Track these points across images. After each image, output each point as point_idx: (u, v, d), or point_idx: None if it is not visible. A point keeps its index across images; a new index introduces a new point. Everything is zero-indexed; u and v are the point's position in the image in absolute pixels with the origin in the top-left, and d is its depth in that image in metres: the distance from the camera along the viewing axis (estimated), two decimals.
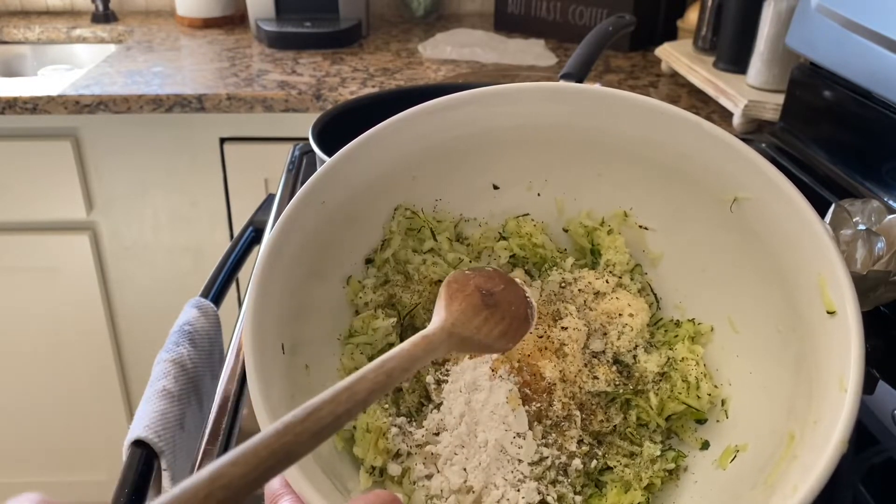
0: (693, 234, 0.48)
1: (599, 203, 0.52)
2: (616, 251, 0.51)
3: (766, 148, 1.06)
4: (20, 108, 1.26)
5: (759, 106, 1.12)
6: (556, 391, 0.45)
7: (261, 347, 0.40)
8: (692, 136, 0.45)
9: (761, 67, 1.15)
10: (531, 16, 1.69)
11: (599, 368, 0.46)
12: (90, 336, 1.51)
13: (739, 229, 0.45)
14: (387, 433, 0.43)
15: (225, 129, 1.34)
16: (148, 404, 0.61)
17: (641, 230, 0.51)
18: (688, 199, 0.47)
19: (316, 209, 0.46)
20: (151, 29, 1.72)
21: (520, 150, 0.51)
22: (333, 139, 0.82)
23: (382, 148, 0.49)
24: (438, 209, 0.53)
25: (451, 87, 1.05)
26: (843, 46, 0.91)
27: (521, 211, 0.54)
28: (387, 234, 0.51)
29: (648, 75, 1.45)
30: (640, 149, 0.48)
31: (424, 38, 1.67)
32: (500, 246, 0.53)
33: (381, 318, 0.48)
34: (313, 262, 0.46)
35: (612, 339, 0.48)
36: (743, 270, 0.45)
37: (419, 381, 0.46)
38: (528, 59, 1.51)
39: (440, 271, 0.50)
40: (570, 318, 0.48)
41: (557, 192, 0.53)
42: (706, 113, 1.25)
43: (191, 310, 0.75)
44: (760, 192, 0.43)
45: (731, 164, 0.44)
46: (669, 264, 0.50)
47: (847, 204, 0.69)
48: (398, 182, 0.50)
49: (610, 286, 0.50)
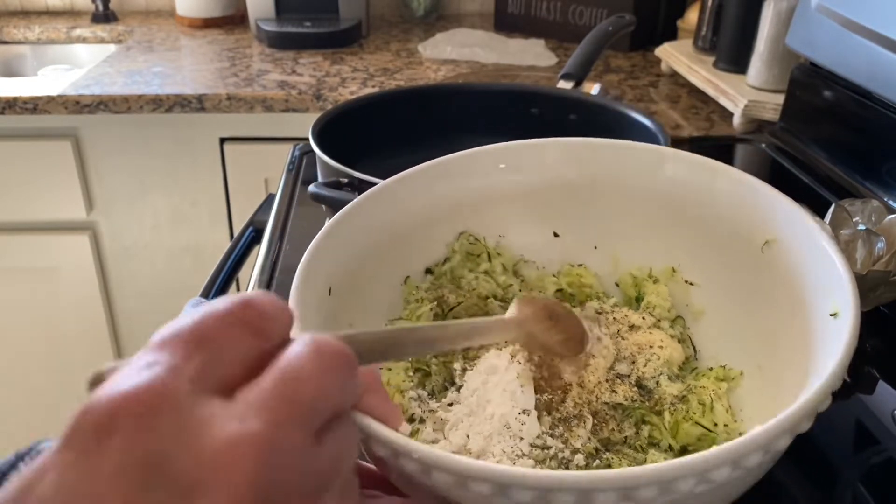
0: (731, 283, 0.50)
1: (652, 259, 0.54)
2: (658, 296, 0.53)
3: (766, 148, 1.06)
4: (20, 108, 1.26)
5: (759, 106, 1.12)
6: (570, 392, 0.46)
7: (309, 278, 0.44)
8: (729, 184, 0.50)
9: (761, 67, 1.15)
10: (531, 16, 1.69)
11: (620, 386, 0.47)
12: (90, 336, 1.51)
13: (769, 272, 0.47)
14: (405, 392, 0.47)
15: (225, 129, 1.34)
16: None
17: (687, 285, 0.53)
18: (728, 249, 0.50)
19: (395, 207, 0.52)
20: (151, 29, 1.72)
21: (581, 201, 0.55)
22: (333, 139, 0.82)
23: (456, 176, 0.55)
24: (500, 244, 0.57)
25: (451, 87, 1.05)
26: (843, 46, 0.91)
27: (578, 261, 0.57)
28: (449, 253, 0.56)
29: (648, 75, 1.45)
30: (687, 199, 0.51)
31: (424, 38, 1.67)
32: (549, 280, 0.56)
33: (427, 308, 0.52)
34: (381, 248, 0.52)
35: (639, 366, 0.48)
36: (772, 313, 0.46)
37: (446, 366, 0.49)
38: (528, 59, 1.51)
39: (489, 287, 0.54)
40: (600, 338, 0.49)
41: (614, 248, 0.56)
42: (706, 113, 1.25)
43: (190, 310, 0.75)
44: (786, 233, 0.46)
45: (763, 208, 0.48)
46: (710, 318, 0.52)
47: (847, 204, 0.69)
48: (466, 212, 0.56)
49: (646, 323, 0.51)
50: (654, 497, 0.30)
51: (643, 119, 0.85)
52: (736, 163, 1.07)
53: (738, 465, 0.31)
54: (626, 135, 0.88)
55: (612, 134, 0.89)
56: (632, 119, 0.87)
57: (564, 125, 0.94)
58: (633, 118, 0.87)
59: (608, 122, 0.90)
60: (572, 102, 0.95)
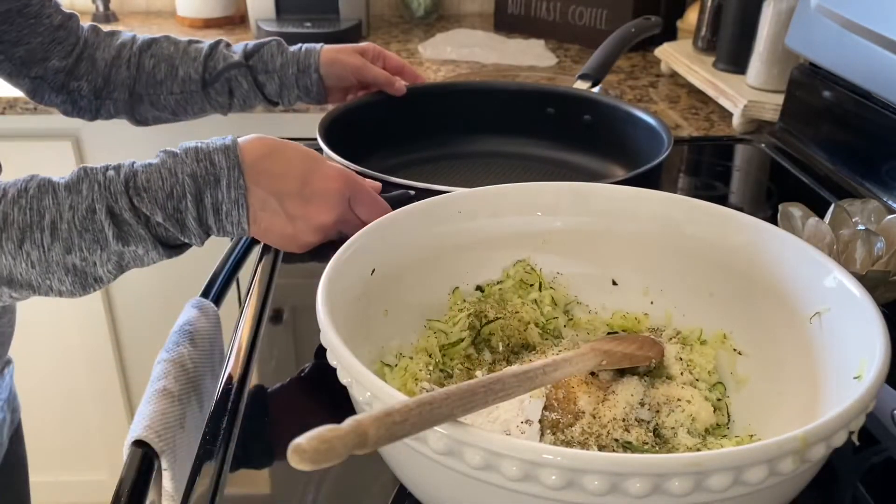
0: (778, 355, 0.50)
1: (705, 322, 0.54)
2: (703, 356, 0.52)
3: (766, 148, 1.07)
4: (21, 109, 1.26)
5: (759, 106, 1.13)
6: (582, 419, 0.45)
7: (358, 252, 0.47)
8: (787, 249, 0.50)
9: (761, 68, 1.15)
10: (531, 16, 1.69)
11: (635, 429, 0.45)
12: (90, 335, 1.51)
13: (816, 345, 0.46)
14: (419, 380, 0.47)
15: (227, 130, 1.34)
16: (148, 404, 0.61)
17: (735, 353, 0.52)
18: (779, 318, 0.50)
19: (465, 218, 0.55)
20: (152, 29, 1.72)
21: (643, 252, 0.56)
22: (340, 137, 0.82)
23: (529, 205, 0.57)
24: (556, 280, 0.58)
25: (465, 85, 1.05)
26: (842, 47, 0.91)
27: (632, 311, 0.57)
28: (503, 276, 0.57)
29: (648, 76, 1.46)
30: (745, 263, 0.52)
31: (424, 38, 1.67)
32: (600, 321, 0.56)
33: (464, 316, 0.52)
34: (439, 252, 0.54)
35: (662, 416, 0.47)
36: (814, 388, 0.45)
37: (469, 372, 0.50)
38: (528, 59, 1.51)
39: (533, 315, 0.55)
40: (629, 377, 0.49)
41: (669, 304, 0.56)
42: (706, 113, 1.25)
43: (191, 310, 0.75)
44: (836, 302, 0.45)
45: (815, 278, 0.47)
46: (752, 389, 0.51)
47: (846, 204, 0.69)
48: (529, 241, 0.57)
49: (683, 378, 0.50)
50: (725, 486, 0.30)
51: (649, 119, 0.87)
52: (735, 163, 1.08)
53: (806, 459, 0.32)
54: (634, 134, 0.89)
55: (622, 134, 0.91)
56: (637, 118, 0.89)
57: (578, 125, 0.95)
58: (638, 117, 0.89)
59: (618, 122, 0.91)
60: (587, 103, 0.95)
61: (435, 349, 0.50)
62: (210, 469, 0.52)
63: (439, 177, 0.93)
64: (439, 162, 0.96)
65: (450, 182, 0.91)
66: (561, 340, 0.54)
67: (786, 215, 0.69)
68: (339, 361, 0.38)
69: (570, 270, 0.58)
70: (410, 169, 0.93)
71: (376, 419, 0.28)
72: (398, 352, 0.50)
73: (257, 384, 0.61)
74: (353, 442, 0.27)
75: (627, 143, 0.91)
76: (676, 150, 1.03)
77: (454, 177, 0.93)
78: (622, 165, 0.93)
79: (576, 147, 0.96)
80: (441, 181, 0.91)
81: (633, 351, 0.47)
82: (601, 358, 0.45)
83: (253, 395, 0.59)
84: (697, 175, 1.07)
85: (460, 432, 0.31)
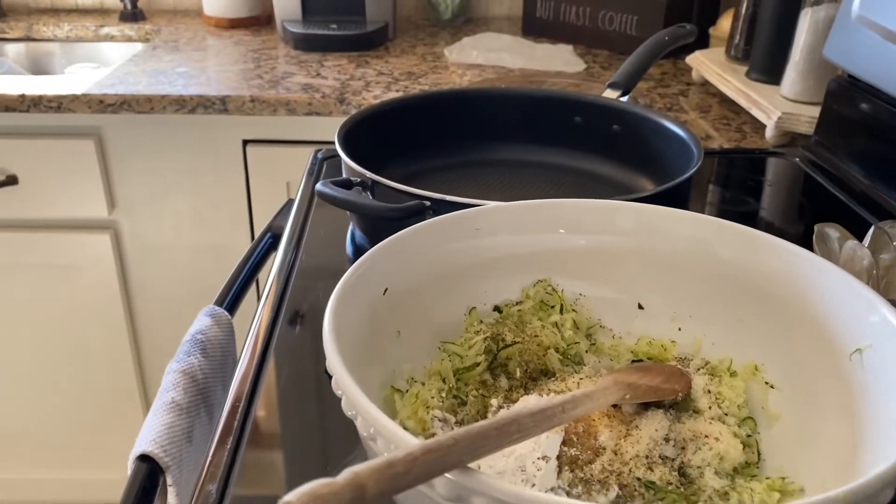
0: (814, 391, 0.46)
1: (735, 352, 0.51)
2: (732, 389, 0.49)
3: (800, 162, 1.03)
4: (45, 107, 1.26)
5: (793, 118, 1.09)
6: (602, 456, 0.42)
7: (367, 271, 0.45)
8: (827, 278, 0.47)
9: (796, 78, 1.11)
10: (560, 20, 1.66)
11: (659, 467, 0.42)
12: (109, 334, 1.51)
13: (856, 382, 0.43)
14: (431, 408, 0.45)
15: (248, 132, 1.33)
16: (155, 417, 0.60)
17: (767, 387, 0.49)
18: (814, 352, 0.47)
19: (483, 234, 0.52)
20: (178, 28, 1.72)
21: (671, 275, 0.53)
22: (359, 143, 0.81)
23: (551, 223, 0.54)
24: (579, 302, 0.55)
25: (490, 91, 1.03)
26: (883, 59, 0.88)
27: (658, 337, 0.54)
28: (522, 297, 0.54)
29: (679, 84, 1.42)
30: (780, 291, 0.49)
31: (451, 41, 1.65)
32: (624, 347, 0.53)
33: (480, 339, 0.50)
34: (455, 271, 0.52)
35: (688, 454, 0.44)
36: (852, 428, 0.43)
37: (484, 400, 0.48)
38: (555, 64, 1.48)
39: (553, 339, 0.52)
40: (654, 410, 0.46)
41: (698, 331, 0.53)
42: (737, 124, 1.21)
43: (204, 318, 0.74)
44: (879, 339, 0.42)
45: (859, 311, 0.44)
46: (785, 425, 0.48)
47: (888, 226, 0.65)
48: (549, 260, 0.55)
49: (711, 412, 0.47)
50: None
51: (679, 131, 0.84)
52: (767, 177, 1.04)
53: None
54: (663, 145, 0.86)
55: (651, 145, 0.88)
56: (668, 130, 0.86)
57: (606, 135, 0.92)
58: (669, 129, 0.86)
59: (648, 133, 0.88)
60: (616, 113, 0.92)
61: (449, 373, 0.48)
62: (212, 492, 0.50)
63: (459, 186, 0.90)
64: (460, 170, 0.94)
65: (470, 191, 0.88)
66: (582, 367, 0.51)
67: (822, 236, 0.66)
68: (343, 392, 0.36)
69: (593, 292, 0.55)
70: (430, 176, 0.91)
71: (376, 471, 0.26)
72: (410, 376, 0.48)
73: (268, 392, 0.59)
74: (349, 497, 0.24)
75: (656, 154, 0.88)
76: (706, 162, 0.99)
77: (475, 186, 0.91)
78: (650, 177, 0.90)
79: (603, 157, 0.94)
80: (461, 190, 0.89)
81: (659, 384, 0.44)
82: (624, 392, 0.43)
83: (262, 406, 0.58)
84: (727, 188, 1.04)
85: (469, 479, 0.29)
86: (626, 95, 0.97)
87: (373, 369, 0.45)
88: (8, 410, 1.58)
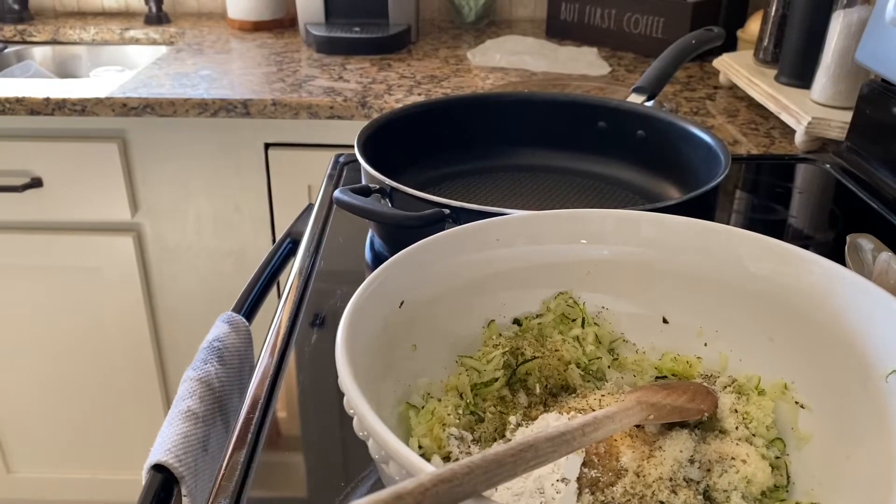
0: (848, 413, 0.44)
1: (764, 369, 0.49)
2: (760, 409, 0.46)
3: (830, 169, 1.00)
4: (69, 110, 1.27)
5: (824, 123, 1.06)
6: (624, 478, 0.41)
7: (384, 284, 0.43)
8: (862, 296, 0.45)
9: (827, 83, 1.09)
10: (584, 23, 1.65)
11: (683, 490, 0.41)
12: (132, 336, 1.52)
13: (892, 403, 0.41)
14: (447, 426, 0.44)
15: (270, 135, 1.33)
16: (170, 426, 0.59)
17: (797, 406, 0.47)
18: (848, 372, 0.44)
19: (503, 245, 0.51)
20: (202, 31, 1.73)
21: (697, 289, 0.51)
22: (377, 149, 0.80)
23: (574, 233, 0.53)
24: (601, 315, 0.53)
25: (512, 96, 1.01)
26: None
27: (683, 353, 0.52)
28: (542, 310, 0.53)
29: (706, 87, 1.40)
30: (812, 308, 0.47)
31: (474, 44, 1.64)
32: (649, 364, 0.51)
33: (499, 354, 0.48)
34: (473, 282, 0.51)
35: (714, 477, 0.42)
36: (888, 453, 0.41)
37: (502, 416, 0.46)
38: (579, 67, 1.47)
39: (574, 354, 0.50)
40: (679, 430, 0.44)
41: (725, 347, 0.51)
42: (766, 129, 1.19)
43: (221, 325, 0.73)
44: None
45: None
46: (816, 447, 0.46)
47: None
48: (572, 272, 0.53)
49: (738, 433, 0.45)
50: None
51: (706, 137, 0.81)
52: (797, 184, 1.02)
53: None
54: (690, 152, 0.84)
55: (677, 151, 0.86)
56: (694, 136, 0.83)
57: (631, 141, 0.90)
58: (696, 135, 0.83)
59: (674, 139, 0.86)
60: (641, 118, 0.90)
61: (466, 388, 0.47)
62: None
63: (480, 191, 0.89)
64: (481, 175, 0.92)
65: (491, 198, 0.87)
66: (604, 383, 0.49)
67: (854, 247, 0.64)
68: (355, 412, 0.35)
69: (616, 305, 0.53)
70: (451, 182, 0.90)
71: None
72: (426, 391, 0.47)
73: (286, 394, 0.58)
74: None
75: (683, 161, 0.86)
76: (733, 168, 0.97)
77: (496, 191, 0.89)
78: (676, 184, 0.88)
79: (627, 163, 0.92)
80: (482, 196, 0.87)
81: (684, 403, 0.43)
82: (648, 412, 0.41)
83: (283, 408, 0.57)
84: (755, 195, 1.01)
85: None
86: (652, 100, 0.95)
87: (387, 384, 0.44)
88: (31, 411, 1.60)
